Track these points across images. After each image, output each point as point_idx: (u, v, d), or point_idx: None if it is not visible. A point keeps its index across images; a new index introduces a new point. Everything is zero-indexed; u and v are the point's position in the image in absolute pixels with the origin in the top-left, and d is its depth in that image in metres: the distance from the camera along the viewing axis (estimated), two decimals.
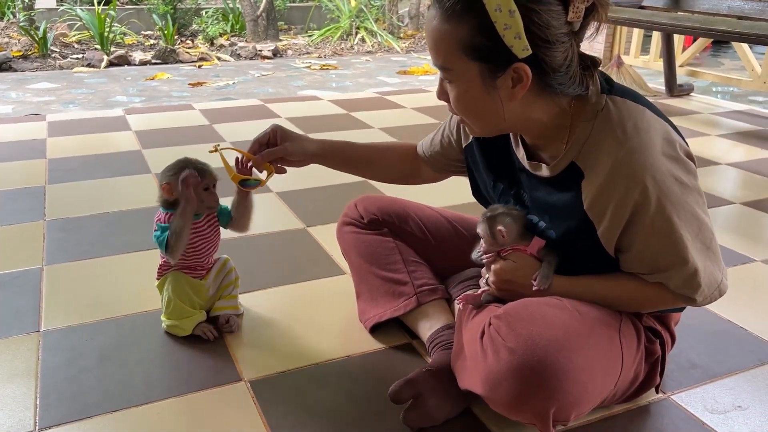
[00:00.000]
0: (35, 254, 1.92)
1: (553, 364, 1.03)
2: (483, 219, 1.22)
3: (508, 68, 1.01)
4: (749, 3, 3.21)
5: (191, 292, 1.49)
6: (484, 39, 0.99)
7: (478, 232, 1.24)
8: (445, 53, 1.04)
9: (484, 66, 1.02)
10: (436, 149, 1.42)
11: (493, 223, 1.20)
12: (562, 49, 1.01)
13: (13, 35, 6.25)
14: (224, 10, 7.01)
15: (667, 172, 1.03)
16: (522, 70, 1.01)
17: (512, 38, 0.98)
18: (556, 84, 1.04)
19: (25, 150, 2.92)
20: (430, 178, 1.50)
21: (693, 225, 1.07)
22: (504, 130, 1.17)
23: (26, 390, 1.33)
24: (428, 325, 1.43)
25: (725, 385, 1.38)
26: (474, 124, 1.13)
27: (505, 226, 1.19)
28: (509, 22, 0.97)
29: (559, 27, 0.99)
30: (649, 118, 1.06)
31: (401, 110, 3.78)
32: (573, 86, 1.05)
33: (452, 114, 1.38)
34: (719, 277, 1.13)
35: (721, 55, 6.34)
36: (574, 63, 1.04)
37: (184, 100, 4.08)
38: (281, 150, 1.36)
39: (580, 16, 1.00)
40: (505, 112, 1.07)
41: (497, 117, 1.08)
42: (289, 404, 1.30)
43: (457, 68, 1.04)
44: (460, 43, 1.01)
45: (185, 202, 1.37)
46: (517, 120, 1.09)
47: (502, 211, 1.21)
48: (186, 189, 1.37)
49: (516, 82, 1.02)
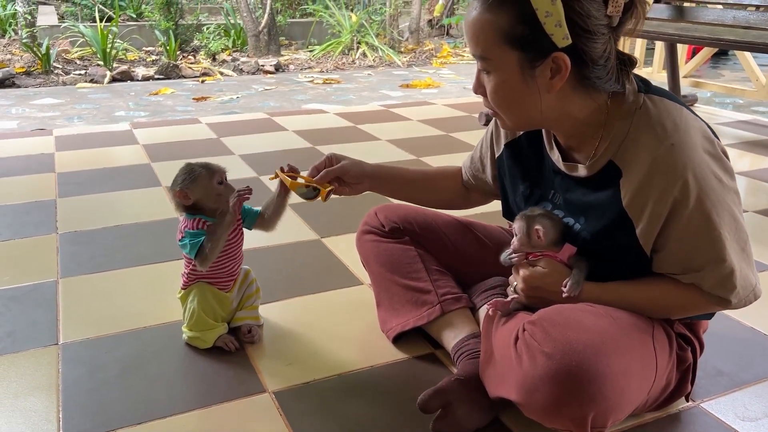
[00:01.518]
0: (50, 267, 1.90)
1: (592, 369, 1.01)
2: (521, 217, 1.21)
3: (547, 57, 1.02)
4: (754, 13, 3.23)
5: (216, 305, 1.47)
6: (524, 27, 1.00)
7: (513, 228, 1.23)
8: (485, 43, 1.05)
9: (523, 55, 1.03)
10: (477, 169, 1.44)
11: (531, 222, 1.19)
12: (602, 41, 1.02)
13: (15, 52, 6.26)
14: (226, 26, 7.03)
15: (708, 169, 1.03)
16: (561, 60, 1.01)
17: (553, 26, 0.98)
18: (594, 77, 1.04)
19: (33, 164, 2.91)
20: (480, 201, 1.52)
21: (731, 225, 1.06)
22: (538, 125, 1.17)
23: (48, 403, 1.31)
24: (453, 334, 1.41)
25: (754, 393, 1.36)
26: (508, 117, 1.13)
27: (543, 226, 1.18)
28: (551, 10, 0.98)
29: (599, 18, 1.00)
30: (687, 117, 1.06)
31: (407, 122, 3.78)
32: (610, 82, 1.06)
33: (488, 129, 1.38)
34: (753, 280, 1.13)
35: (721, 66, 6.37)
36: (612, 58, 1.05)
37: (188, 115, 4.08)
38: (339, 169, 1.36)
39: (620, 10, 1.01)
40: (542, 103, 1.07)
41: (534, 109, 1.08)
42: (315, 415, 1.28)
43: (496, 58, 1.05)
44: (501, 32, 1.02)
45: (231, 215, 1.37)
46: (553, 114, 1.09)
47: (541, 213, 1.20)
48: (239, 204, 1.38)
49: (555, 72, 1.03)
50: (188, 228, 1.39)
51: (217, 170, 1.41)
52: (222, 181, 1.41)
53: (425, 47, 7.33)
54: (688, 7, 3.72)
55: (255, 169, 2.84)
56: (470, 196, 1.52)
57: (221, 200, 1.41)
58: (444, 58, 6.81)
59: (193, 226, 1.39)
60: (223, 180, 1.42)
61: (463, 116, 3.97)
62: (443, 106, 4.26)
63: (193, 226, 1.39)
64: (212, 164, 1.42)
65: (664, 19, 3.60)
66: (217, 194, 1.40)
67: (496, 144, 1.34)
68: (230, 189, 1.41)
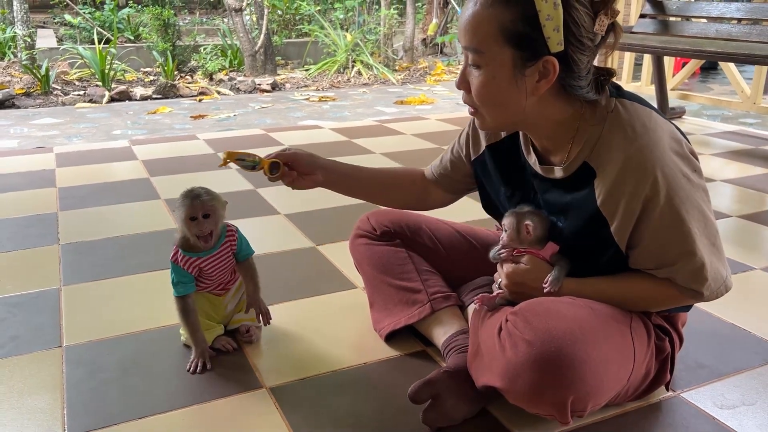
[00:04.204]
0: (52, 276, 1.96)
1: (570, 355, 1.07)
2: (512, 213, 1.27)
3: (539, 60, 1.07)
4: (736, 26, 3.33)
5: (209, 308, 1.53)
6: (525, 26, 1.05)
7: (503, 224, 1.29)
8: (483, 35, 1.08)
9: (518, 53, 1.07)
10: (446, 168, 1.48)
11: (521, 218, 1.25)
12: (587, 54, 1.08)
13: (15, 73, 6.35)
14: (222, 47, 7.14)
15: (676, 167, 1.09)
16: (551, 64, 1.07)
17: (551, 30, 1.04)
18: (576, 86, 1.10)
19: (35, 180, 2.97)
20: (440, 201, 1.54)
21: (700, 220, 1.12)
22: (516, 125, 1.21)
23: (53, 401, 1.36)
24: (442, 331, 1.47)
25: (732, 383, 1.42)
26: (490, 115, 1.16)
27: (532, 222, 1.24)
28: (552, 14, 1.03)
29: (589, 31, 1.07)
30: (656, 119, 1.12)
31: (401, 136, 3.86)
32: (590, 93, 1.12)
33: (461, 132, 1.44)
34: (724, 273, 1.18)
35: (710, 81, 6.48)
36: (591, 72, 1.11)
37: (186, 132, 4.15)
38: (290, 154, 1.36)
39: (603, 30, 1.08)
40: (524, 105, 1.12)
41: (517, 108, 1.13)
42: (310, 408, 1.33)
43: (491, 52, 1.08)
44: (501, 27, 1.06)
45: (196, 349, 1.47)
46: (532, 116, 1.15)
47: (530, 210, 1.26)
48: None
49: (542, 75, 1.08)
50: (177, 262, 1.45)
51: (195, 206, 1.38)
52: (195, 218, 1.38)
53: (419, 65, 7.44)
54: (673, 21, 3.82)
55: (251, 182, 2.91)
56: (429, 198, 1.53)
57: (191, 236, 1.40)
58: (438, 75, 6.91)
59: (172, 256, 1.45)
60: (196, 217, 1.38)
61: (456, 130, 4.05)
62: (436, 121, 4.34)
63: (173, 256, 1.45)
64: (197, 200, 1.39)
65: (650, 33, 3.70)
66: (188, 229, 1.40)
67: (473, 145, 1.39)
68: (201, 226, 1.39)
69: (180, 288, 1.45)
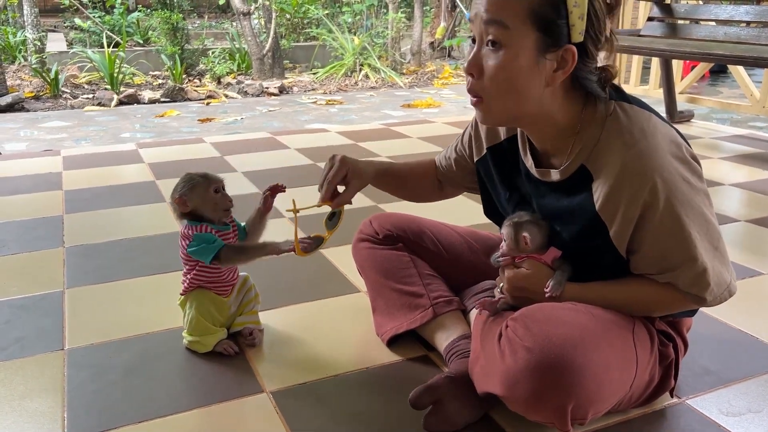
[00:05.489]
0: (56, 278, 1.96)
1: (570, 361, 1.06)
2: (509, 223, 1.26)
3: (560, 48, 1.06)
4: (745, 29, 3.30)
5: (214, 310, 1.52)
6: (552, 11, 1.03)
7: (501, 234, 1.28)
8: (512, 12, 1.04)
9: (542, 38, 1.05)
10: (451, 167, 1.48)
11: (519, 229, 1.24)
12: (601, 49, 1.08)
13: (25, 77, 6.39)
14: (231, 50, 7.17)
15: (675, 172, 1.08)
16: (571, 53, 1.06)
17: (576, 18, 1.03)
18: (588, 81, 1.10)
19: (41, 183, 2.98)
20: (452, 193, 1.55)
21: (701, 224, 1.11)
22: (518, 120, 1.17)
23: (53, 404, 1.36)
24: (445, 335, 1.46)
25: (739, 390, 1.40)
26: (497, 104, 1.11)
27: (530, 233, 1.23)
28: (579, 2, 1.02)
29: (603, 29, 1.07)
30: (655, 122, 1.11)
31: (407, 140, 3.85)
32: (597, 87, 1.11)
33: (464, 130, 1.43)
34: (728, 278, 1.17)
35: (719, 84, 6.44)
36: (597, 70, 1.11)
37: (193, 135, 4.16)
38: (348, 196, 1.39)
39: (608, 33, 1.08)
40: (536, 95, 1.09)
41: (528, 97, 1.09)
42: (311, 413, 1.32)
43: (516, 30, 1.04)
44: (531, 8, 1.03)
45: (273, 249, 1.45)
46: (540, 110, 1.12)
47: (528, 219, 1.25)
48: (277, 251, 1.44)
49: (560, 65, 1.07)
50: (197, 231, 1.44)
51: (213, 179, 1.46)
52: (218, 190, 1.46)
53: (427, 68, 7.44)
54: (681, 24, 3.79)
55: (258, 185, 2.91)
56: (444, 189, 1.55)
57: (218, 209, 1.46)
58: (445, 79, 6.91)
59: (200, 230, 1.44)
60: (219, 189, 1.46)
61: None
62: (443, 124, 4.33)
63: (201, 230, 1.44)
64: (210, 174, 1.48)
65: (658, 36, 3.68)
66: (214, 203, 1.45)
67: (476, 146, 1.39)
68: (226, 198, 1.47)
69: (216, 244, 1.42)
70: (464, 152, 1.43)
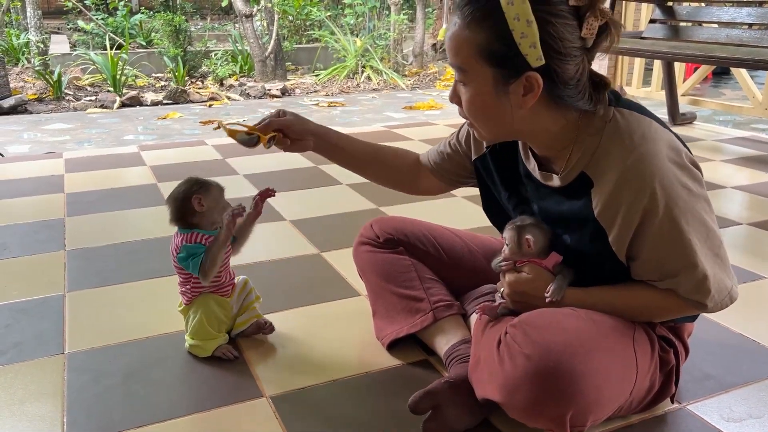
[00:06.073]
0: (57, 282, 1.97)
1: (569, 369, 1.05)
2: (512, 226, 1.25)
3: (521, 76, 1.06)
4: (747, 32, 3.29)
5: (219, 313, 1.52)
6: (501, 45, 1.05)
7: (504, 237, 1.28)
8: (464, 56, 1.09)
9: (498, 71, 1.07)
10: (444, 160, 1.47)
11: (522, 232, 1.24)
12: (574, 63, 1.06)
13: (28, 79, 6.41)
14: (233, 52, 7.18)
15: (674, 178, 1.07)
16: (534, 79, 1.06)
17: (528, 47, 1.03)
18: (566, 96, 1.09)
19: (43, 185, 2.99)
20: (432, 188, 1.52)
21: (701, 231, 1.10)
22: (511, 137, 1.21)
23: (53, 408, 1.36)
24: (445, 340, 1.46)
25: (740, 395, 1.39)
26: (482, 128, 1.18)
27: (533, 235, 1.23)
28: (526, 31, 1.02)
29: (572, 41, 1.05)
30: (655, 128, 1.11)
31: (408, 142, 3.85)
32: (582, 101, 1.10)
33: (460, 127, 1.43)
34: (729, 284, 1.16)
35: (722, 86, 6.43)
36: (584, 78, 1.09)
37: (195, 137, 4.17)
38: (282, 121, 1.38)
39: (593, 33, 1.05)
40: (514, 118, 1.11)
41: (506, 122, 1.13)
42: (310, 418, 1.32)
43: (473, 71, 1.09)
44: (478, 48, 1.07)
45: (227, 230, 1.42)
46: (526, 128, 1.14)
47: (531, 223, 1.24)
48: (232, 221, 1.42)
49: (527, 90, 1.07)
50: (185, 242, 1.44)
51: (217, 186, 1.49)
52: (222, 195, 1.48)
53: (429, 70, 7.44)
54: (683, 26, 3.79)
55: (259, 188, 2.90)
56: (420, 183, 1.52)
57: (222, 214, 1.46)
58: (447, 80, 6.91)
59: (189, 240, 1.44)
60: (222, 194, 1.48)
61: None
62: (444, 126, 4.33)
63: (190, 240, 1.44)
64: (210, 181, 1.49)
65: (660, 38, 3.67)
66: (223, 207, 1.46)
67: (475, 145, 1.38)
68: (228, 205, 1.47)
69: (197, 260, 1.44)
70: (459, 148, 1.43)
